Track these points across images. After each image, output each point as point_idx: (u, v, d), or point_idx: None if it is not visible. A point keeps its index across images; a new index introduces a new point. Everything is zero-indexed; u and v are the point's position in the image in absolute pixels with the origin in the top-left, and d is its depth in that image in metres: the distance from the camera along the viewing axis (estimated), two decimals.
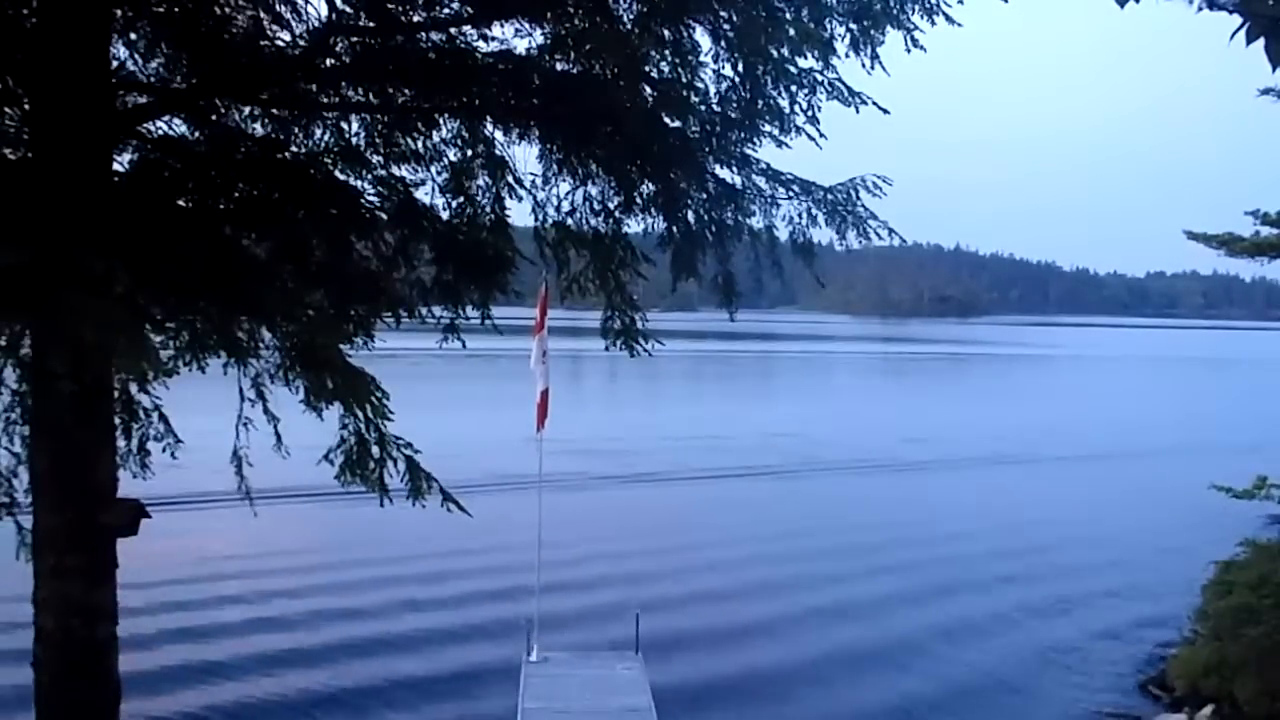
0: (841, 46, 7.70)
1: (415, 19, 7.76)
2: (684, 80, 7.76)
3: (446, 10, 7.86)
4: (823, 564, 29.00)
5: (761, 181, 8.07)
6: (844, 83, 7.78)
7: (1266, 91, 21.53)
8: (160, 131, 7.75)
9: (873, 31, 7.66)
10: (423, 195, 8.22)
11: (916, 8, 7.60)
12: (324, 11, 7.43)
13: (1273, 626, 18.28)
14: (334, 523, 29.73)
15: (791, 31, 7.48)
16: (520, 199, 8.29)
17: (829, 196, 8.02)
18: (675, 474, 41.39)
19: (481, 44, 7.77)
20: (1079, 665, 22.14)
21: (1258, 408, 66.08)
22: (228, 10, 7.42)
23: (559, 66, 7.82)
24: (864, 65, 7.74)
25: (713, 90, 7.87)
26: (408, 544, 27.69)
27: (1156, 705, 20.29)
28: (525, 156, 8.17)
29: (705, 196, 8.06)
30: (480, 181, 8.27)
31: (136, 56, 7.54)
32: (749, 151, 8.02)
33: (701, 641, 21.94)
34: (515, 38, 7.80)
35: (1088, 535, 33.33)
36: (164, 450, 8.67)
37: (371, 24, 7.64)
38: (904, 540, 31.76)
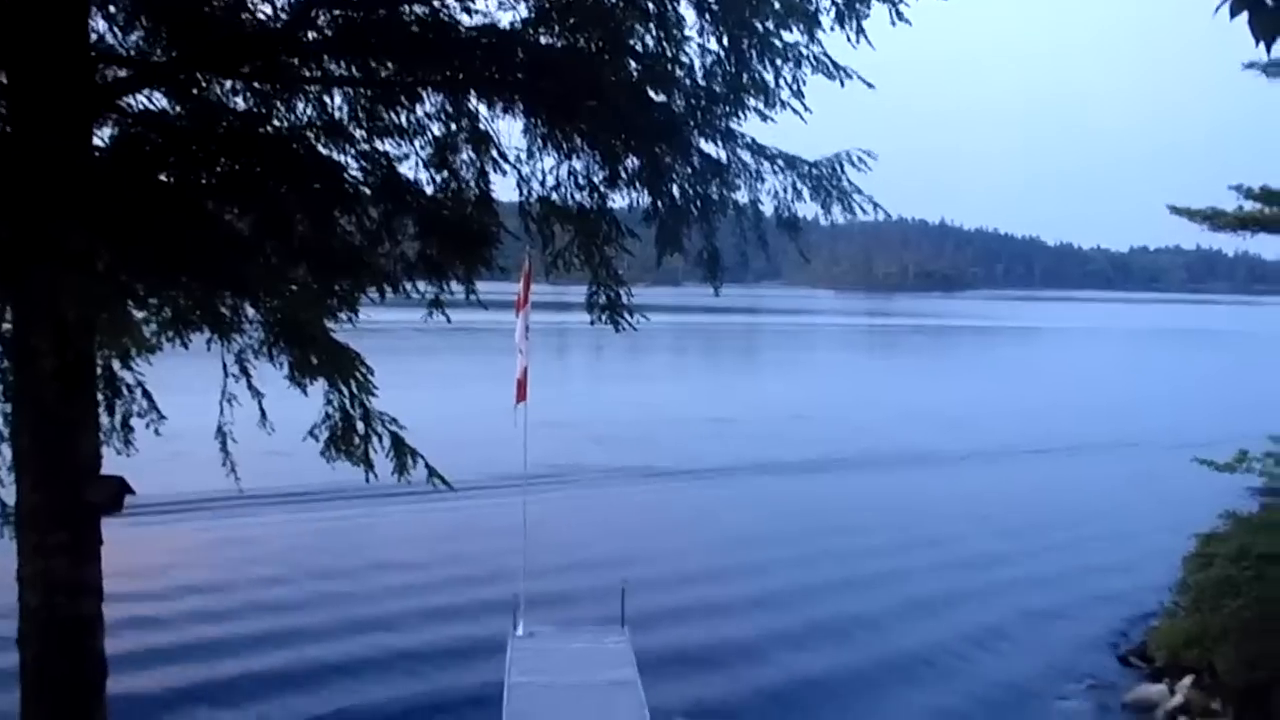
0: (827, 20, 7.68)
1: None
2: (669, 54, 7.72)
3: None
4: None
5: (746, 156, 8.05)
6: (829, 56, 7.76)
7: (1251, 65, 21.57)
8: (140, 105, 7.68)
9: (858, 5, 7.63)
10: (406, 170, 8.18)
11: None
12: None
13: (1252, 598, 18.48)
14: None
15: (776, 5, 7.45)
16: (504, 173, 8.25)
17: (814, 171, 8.00)
18: (694, 466, 40.33)
19: (465, 17, 7.71)
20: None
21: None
22: None
23: (543, 40, 7.77)
24: (849, 39, 7.72)
25: (697, 64, 7.84)
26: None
27: (1137, 676, 20.53)
28: (509, 131, 8.13)
29: (690, 171, 8.03)
30: (464, 156, 8.22)
31: (115, 29, 7.45)
32: (734, 126, 8.00)
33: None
34: (499, 11, 7.76)
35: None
36: (147, 426, 8.63)
37: None
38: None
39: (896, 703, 19.63)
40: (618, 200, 8.34)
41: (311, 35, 7.65)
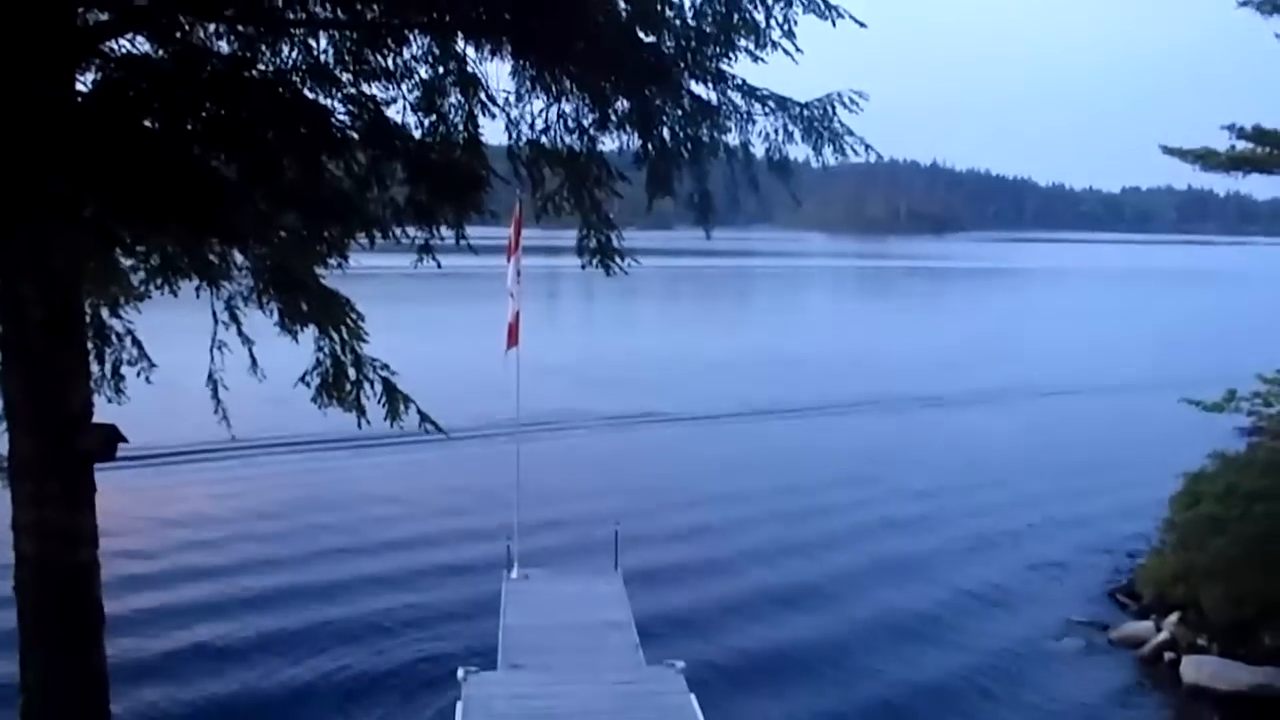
0: None
1: None
2: None
3: None
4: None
5: (737, 97, 7.98)
6: None
7: (1246, 3, 21.37)
8: (123, 50, 7.56)
9: None
10: (394, 114, 8.09)
11: None
12: None
13: (1238, 536, 18.68)
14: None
15: None
16: (493, 117, 8.17)
17: (805, 112, 7.94)
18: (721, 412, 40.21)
19: None
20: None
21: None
22: None
23: None
24: None
25: (687, 4, 7.74)
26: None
27: (1124, 613, 20.81)
28: (498, 73, 8.04)
29: (680, 113, 7.96)
30: (452, 99, 8.13)
31: None
32: (724, 67, 7.91)
33: None
34: None
35: None
36: (138, 375, 8.61)
37: None
38: None
39: (895, 626, 20.13)
40: (608, 143, 8.28)
41: None
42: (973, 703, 17.40)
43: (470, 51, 7.98)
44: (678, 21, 7.76)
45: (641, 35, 7.76)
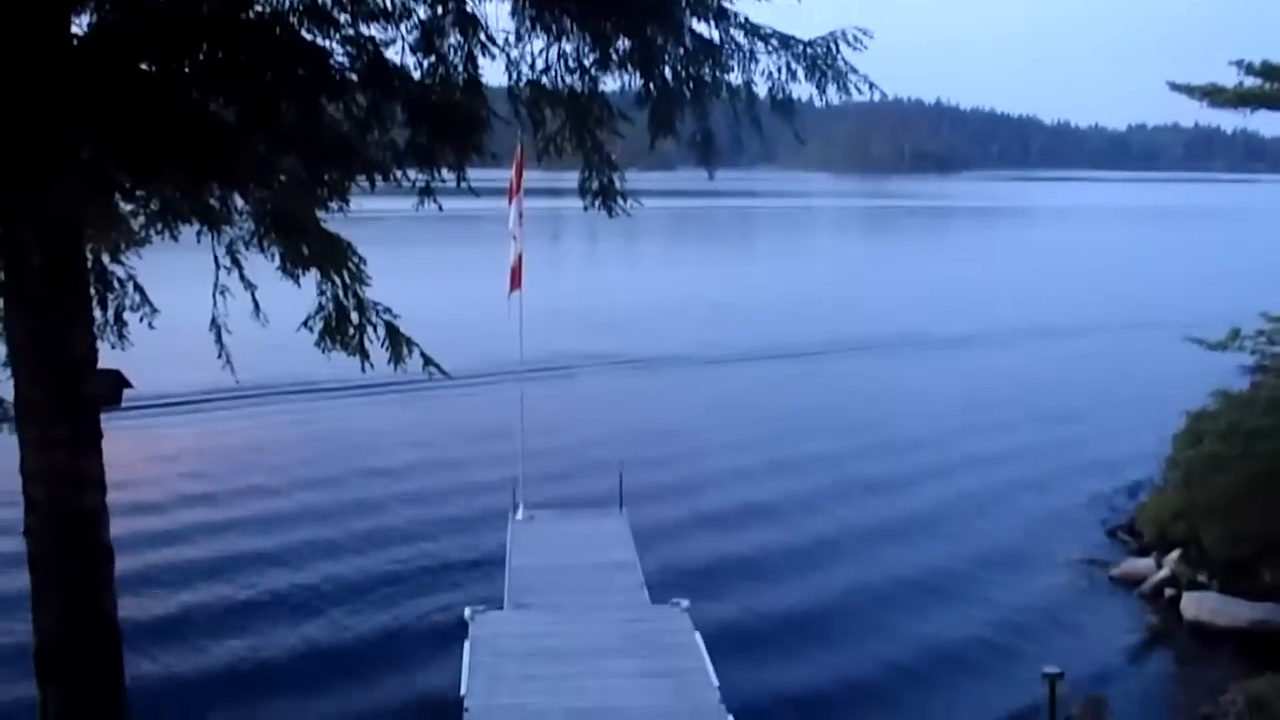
0: None
1: None
2: None
3: None
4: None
5: (739, 36, 7.87)
6: None
7: None
8: None
9: None
10: (393, 55, 7.99)
11: None
12: None
13: (1240, 474, 18.74)
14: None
15: None
16: (493, 57, 8.07)
17: (808, 51, 7.84)
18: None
19: None
20: None
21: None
22: None
23: None
24: None
25: None
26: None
27: (1125, 551, 20.96)
28: (497, 13, 7.93)
29: (682, 52, 7.87)
30: (451, 40, 8.03)
31: None
32: (726, 5, 7.81)
33: None
34: None
35: None
36: (141, 320, 8.61)
37: None
38: None
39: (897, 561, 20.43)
40: (609, 83, 8.19)
41: None
42: (972, 635, 17.61)
43: None
44: None
45: None
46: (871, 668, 16.62)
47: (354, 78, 7.88)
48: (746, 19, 7.87)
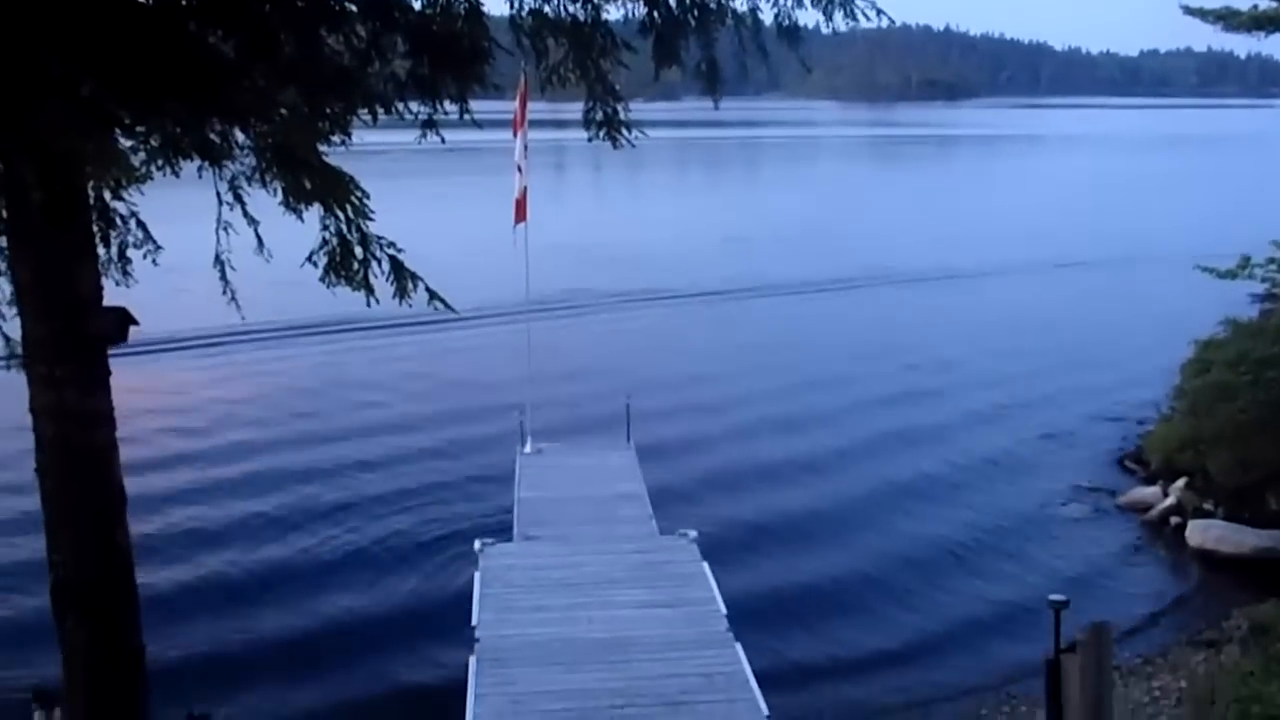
0: None
1: None
2: None
3: None
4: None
5: None
6: None
7: None
8: None
9: None
10: None
11: None
12: None
13: (1249, 402, 18.75)
14: None
15: None
16: None
17: None
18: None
19: None
20: None
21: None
22: None
23: None
24: None
25: None
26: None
27: (1132, 479, 21.06)
28: None
29: None
30: None
31: None
32: None
33: None
34: None
35: None
36: (144, 257, 8.59)
37: None
38: None
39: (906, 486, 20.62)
40: (612, 12, 8.04)
41: None
42: (979, 562, 17.78)
43: None
44: None
45: None
46: (878, 587, 16.89)
47: (354, 8, 7.75)
48: None
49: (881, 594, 16.80)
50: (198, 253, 9.01)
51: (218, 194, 8.09)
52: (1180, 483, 19.48)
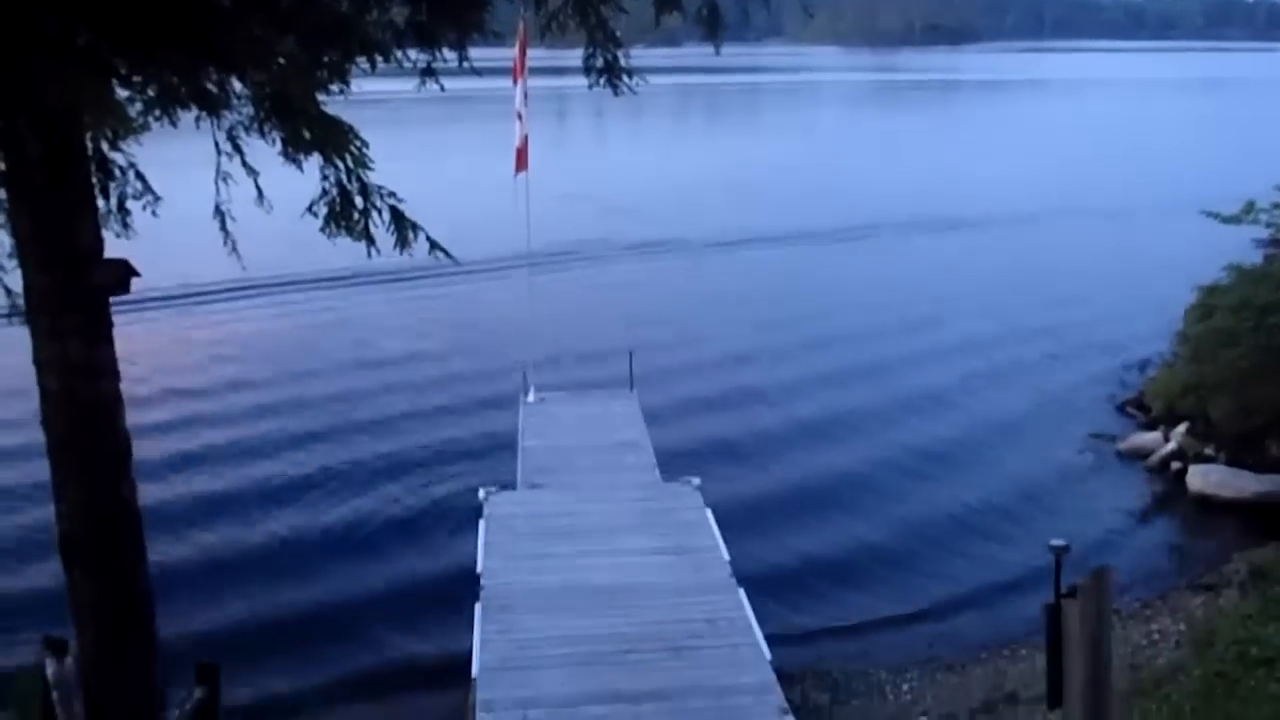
0: None
1: None
2: None
3: None
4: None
5: None
6: None
7: None
8: None
9: None
10: None
11: None
12: None
13: (1251, 347, 18.74)
14: None
15: None
16: None
17: None
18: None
19: None
20: None
21: None
22: None
23: None
24: None
25: None
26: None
27: (1133, 425, 21.11)
28: None
29: None
30: None
31: None
32: None
33: None
34: None
35: None
36: (144, 209, 8.54)
37: None
38: None
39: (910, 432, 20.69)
40: None
41: None
42: (979, 508, 17.89)
43: None
44: None
45: None
46: (881, 532, 17.03)
47: None
48: None
49: (881, 532, 17.04)
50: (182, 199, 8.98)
51: (216, 144, 8.03)
52: (1181, 428, 19.53)
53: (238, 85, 7.44)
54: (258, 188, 8.39)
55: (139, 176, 8.49)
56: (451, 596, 14.24)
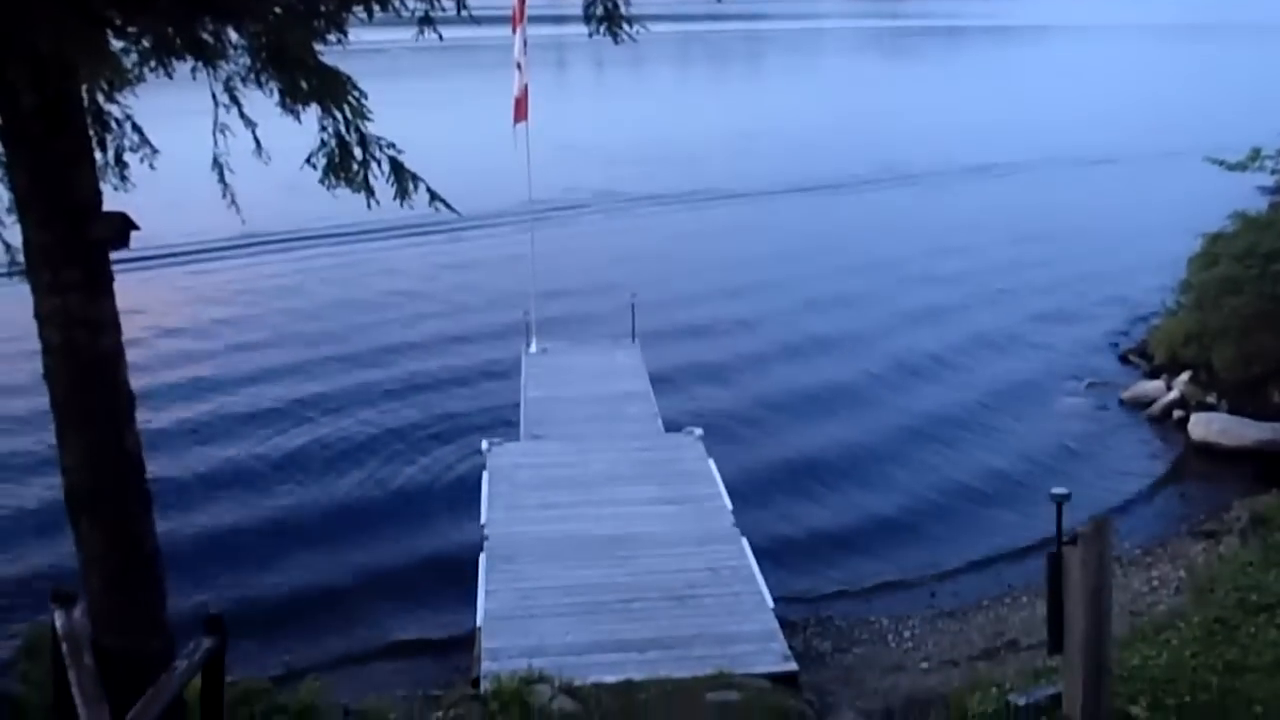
0: None
1: None
2: None
3: None
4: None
5: None
6: None
7: None
8: None
9: None
10: None
11: None
12: None
13: (1254, 295, 18.69)
14: None
15: None
16: None
17: None
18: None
19: None
20: None
21: None
22: None
23: None
24: None
25: None
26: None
27: (1136, 373, 21.11)
28: None
29: None
30: None
31: None
32: None
33: None
34: None
35: None
36: (141, 161, 8.49)
37: None
38: None
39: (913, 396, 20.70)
40: None
41: None
42: (983, 458, 17.95)
43: None
44: None
45: None
46: (881, 484, 17.09)
47: None
48: None
49: (881, 484, 17.11)
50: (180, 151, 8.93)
51: (213, 95, 7.95)
52: (1184, 377, 19.53)
53: (234, 35, 7.36)
54: (256, 139, 8.32)
55: (136, 129, 8.43)
56: (455, 546, 14.33)
